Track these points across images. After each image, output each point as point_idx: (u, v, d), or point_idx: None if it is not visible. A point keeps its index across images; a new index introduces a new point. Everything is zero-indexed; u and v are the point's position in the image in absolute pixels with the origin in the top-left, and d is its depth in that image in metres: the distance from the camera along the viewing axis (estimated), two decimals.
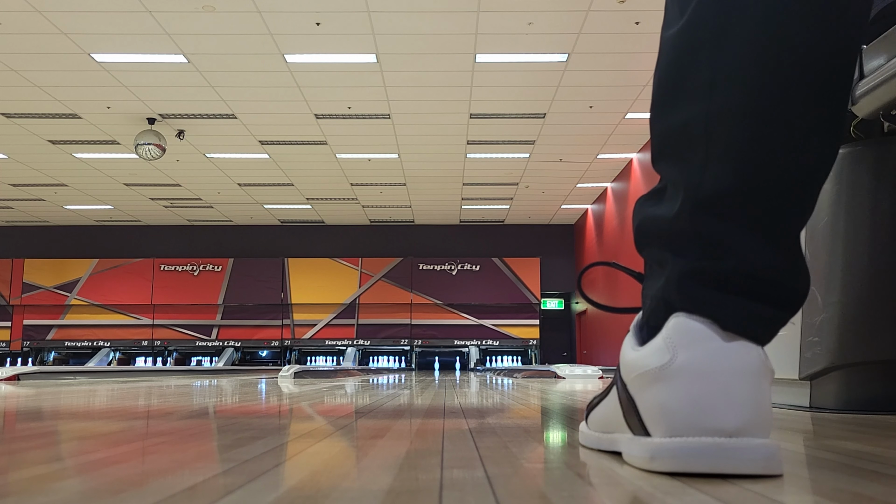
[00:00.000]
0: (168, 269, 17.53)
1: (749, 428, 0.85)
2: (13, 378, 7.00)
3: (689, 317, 0.88)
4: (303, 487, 0.80)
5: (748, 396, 0.86)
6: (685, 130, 0.91)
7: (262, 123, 10.53)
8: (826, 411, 2.12)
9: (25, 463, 1.01)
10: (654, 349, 0.90)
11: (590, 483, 0.82)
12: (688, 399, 0.85)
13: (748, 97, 0.87)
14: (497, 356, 17.46)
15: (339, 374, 9.26)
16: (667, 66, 0.94)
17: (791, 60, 0.87)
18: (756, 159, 0.88)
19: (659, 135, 0.96)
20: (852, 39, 0.89)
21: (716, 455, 0.84)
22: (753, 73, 0.87)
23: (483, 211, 16.46)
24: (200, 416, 1.95)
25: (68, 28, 7.60)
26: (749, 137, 0.87)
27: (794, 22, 0.87)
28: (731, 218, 0.88)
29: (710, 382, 0.85)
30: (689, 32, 0.92)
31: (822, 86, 0.88)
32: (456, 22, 7.48)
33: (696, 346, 0.87)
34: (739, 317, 0.88)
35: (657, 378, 0.88)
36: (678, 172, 0.92)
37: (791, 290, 0.90)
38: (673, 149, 0.93)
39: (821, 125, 0.89)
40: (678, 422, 0.86)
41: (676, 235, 0.91)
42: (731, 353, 0.87)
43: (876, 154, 2.12)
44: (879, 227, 2.09)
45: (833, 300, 2.11)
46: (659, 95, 0.95)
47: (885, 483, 0.84)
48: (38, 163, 12.48)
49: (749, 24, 0.88)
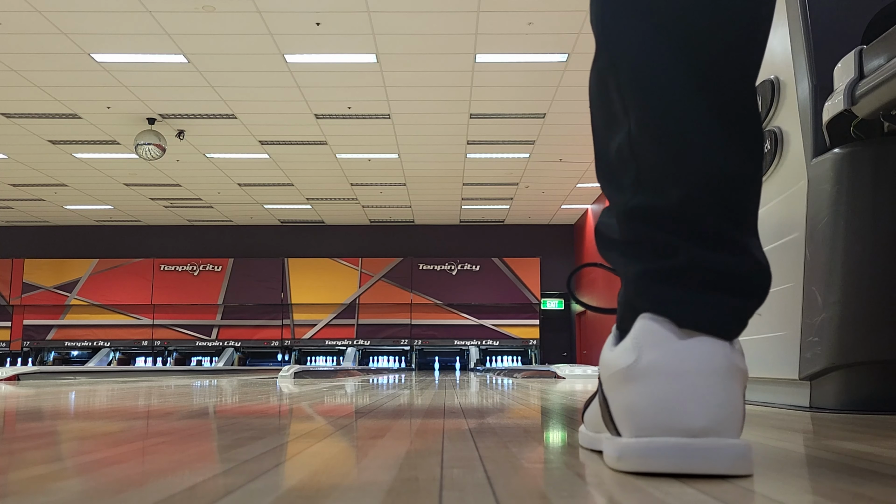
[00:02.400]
0: (168, 269, 17.53)
1: (716, 427, 0.85)
2: (13, 378, 7.00)
3: (654, 317, 0.89)
4: (303, 487, 0.80)
5: (714, 396, 0.86)
6: (619, 154, 0.95)
7: (262, 123, 10.53)
8: (826, 411, 2.12)
9: (25, 463, 1.01)
10: (623, 350, 0.91)
11: (589, 483, 0.82)
12: (653, 399, 0.86)
13: (654, 118, 0.91)
14: (497, 356, 17.46)
15: (339, 375, 9.26)
16: (593, 98, 1.02)
17: (687, 76, 0.91)
18: (677, 174, 0.90)
19: (598, 156, 1.02)
20: (749, 48, 0.93)
21: (681, 455, 0.83)
22: (655, 96, 0.91)
23: (483, 211, 16.46)
24: (200, 417, 1.95)
25: (68, 28, 7.60)
26: (665, 155, 0.91)
27: (683, 43, 0.92)
28: (666, 227, 0.91)
29: (675, 382, 0.86)
30: (598, 61, 0.99)
31: (725, 99, 0.92)
32: (456, 22, 7.48)
33: (661, 346, 0.87)
34: (697, 313, 0.89)
35: (625, 378, 0.89)
36: (614, 191, 0.97)
37: (745, 279, 0.91)
38: (612, 168, 0.97)
39: (731, 131, 0.91)
40: (644, 422, 0.86)
41: (626, 241, 0.94)
42: (696, 352, 0.87)
43: (876, 154, 2.12)
44: (879, 227, 2.09)
45: (833, 300, 2.11)
46: (594, 125, 1.04)
47: (884, 483, 0.84)
48: (39, 163, 12.48)
49: (638, 51, 0.93)
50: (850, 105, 2.03)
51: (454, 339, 17.44)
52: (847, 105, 2.03)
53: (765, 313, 2.69)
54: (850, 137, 2.16)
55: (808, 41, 2.35)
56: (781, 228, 2.44)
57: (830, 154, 2.18)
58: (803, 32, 2.37)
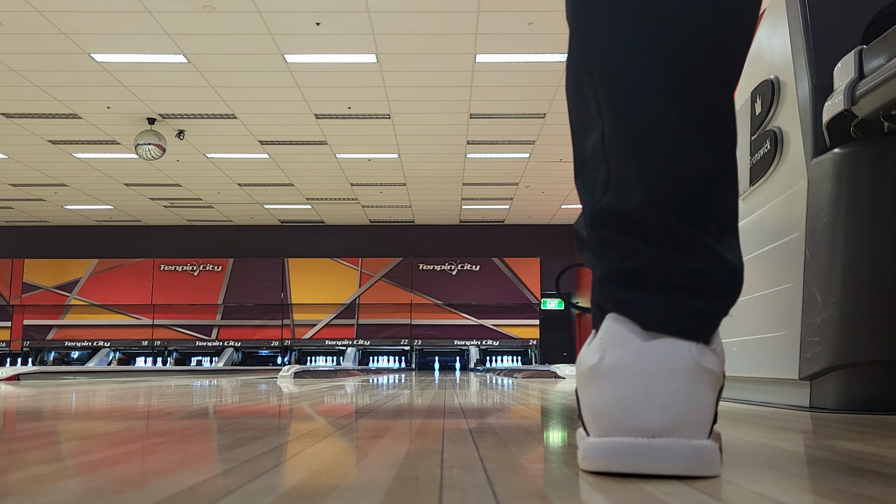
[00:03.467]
0: (168, 269, 17.52)
1: (674, 428, 0.84)
2: (13, 378, 7.00)
3: (618, 318, 0.90)
4: (303, 487, 0.80)
5: (672, 396, 0.85)
6: (593, 154, 0.95)
7: (262, 123, 10.53)
8: (826, 411, 2.12)
9: (26, 463, 1.01)
10: (591, 350, 0.92)
11: (590, 483, 0.82)
12: (612, 399, 0.86)
13: (626, 120, 0.91)
14: (497, 356, 17.45)
15: (339, 375, 9.26)
16: (568, 97, 1.01)
17: (662, 78, 0.90)
18: (641, 177, 0.91)
19: (576, 153, 1.02)
20: (728, 51, 0.93)
21: (637, 455, 0.83)
22: (625, 96, 0.91)
23: (483, 211, 16.45)
24: (200, 417, 1.95)
25: (68, 28, 7.60)
26: (633, 158, 0.91)
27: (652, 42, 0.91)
28: (629, 229, 0.91)
29: (633, 382, 0.86)
30: (574, 59, 0.98)
31: (701, 104, 0.91)
32: (456, 22, 7.48)
33: (623, 347, 0.88)
34: (658, 314, 0.89)
35: (590, 378, 0.90)
36: (586, 192, 0.97)
37: (708, 279, 0.91)
38: (587, 166, 0.97)
39: (700, 134, 0.91)
40: (604, 421, 0.87)
41: (593, 242, 0.95)
42: (655, 352, 0.87)
43: (876, 154, 2.11)
44: (880, 227, 2.09)
45: (833, 300, 2.10)
46: (571, 123, 1.02)
47: (884, 483, 0.84)
48: (38, 163, 12.48)
49: (612, 51, 0.93)
50: (850, 105, 2.03)
51: (454, 339, 17.43)
52: (847, 105, 2.03)
53: (765, 313, 2.70)
54: (850, 137, 2.16)
55: (808, 41, 2.35)
56: (781, 228, 2.44)
57: (830, 154, 2.18)
58: (803, 32, 2.37)
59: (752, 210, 2.73)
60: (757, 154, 2.68)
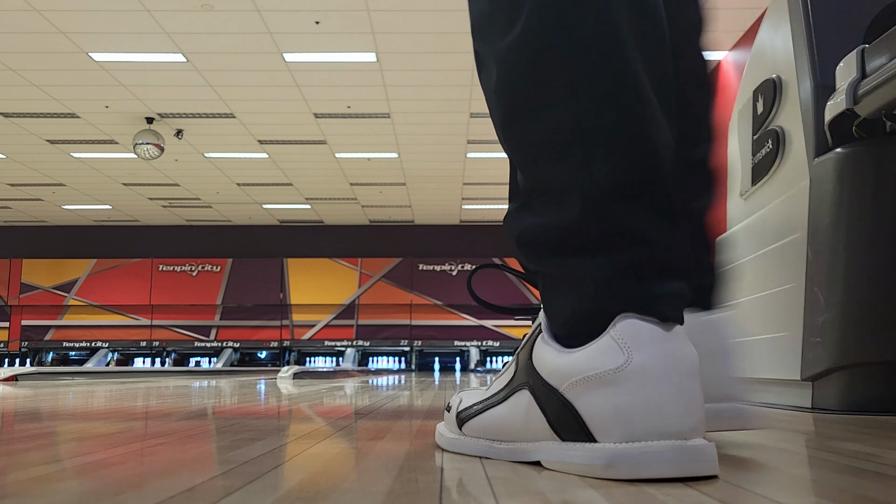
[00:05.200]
0: (166, 270, 17.52)
1: (699, 428, 0.85)
2: (11, 379, 7.00)
3: (638, 317, 0.87)
4: (302, 489, 0.79)
5: (697, 397, 0.85)
6: (556, 135, 0.91)
7: (260, 123, 10.52)
8: (828, 412, 2.11)
9: (24, 464, 1.01)
10: (601, 352, 0.86)
11: (590, 485, 0.82)
12: (645, 401, 0.83)
13: (610, 92, 0.90)
14: (498, 357, 17.45)
15: (339, 375, 9.26)
16: (517, 75, 0.94)
17: (636, 51, 0.91)
18: (634, 149, 0.90)
19: (522, 144, 0.96)
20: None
21: (679, 459, 0.82)
22: (608, 70, 0.90)
23: (483, 211, 16.46)
24: (199, 418, 1.95)
25: (66, 27, 7.59)
26: (624, 129, 0.90)
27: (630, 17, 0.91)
28: (634, 208, 0.89)
29: (666, 383, 0.84)
30: (532, 39, 0.92)
31: (664, 70, 0.94)
32: (456, 21, 7.47)
33: (650, 347, 0.85)
34: (671, 304, 0.88)
35: (610, 381, 0.85)
36: (560, 176, 0.92)
37: (688, 266, 0.92)
38: (545, 155, 0.93)
39: (668, 108, 0.94)
40: (637, 426, 0.83)
41: (586, 238, 0.91)
42: (683, 352, 0.86)
43: (878, 154, 2.11)
44: (882, 226, 2.08)
45: (835, 300, 2.10)
46: (513, 107, 0.96)
47: (886, 484, 0.84)
48: (36, 162, 12.47)
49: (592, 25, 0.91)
50: (853, 104, 2.02)
51: (454, 339, 17.43)
52: (849, 104, 2.03)
53: (767, 314, 2.68)
54: (853, 137, 2.15)
55: (810, 40, 2.35)
56: (783, 228, 2.44)
57: (833, 154, 2.17)
58: (805, 32, 2.37)
59: (754, 210, 2.72)
60: (759, 154, 2.67)
